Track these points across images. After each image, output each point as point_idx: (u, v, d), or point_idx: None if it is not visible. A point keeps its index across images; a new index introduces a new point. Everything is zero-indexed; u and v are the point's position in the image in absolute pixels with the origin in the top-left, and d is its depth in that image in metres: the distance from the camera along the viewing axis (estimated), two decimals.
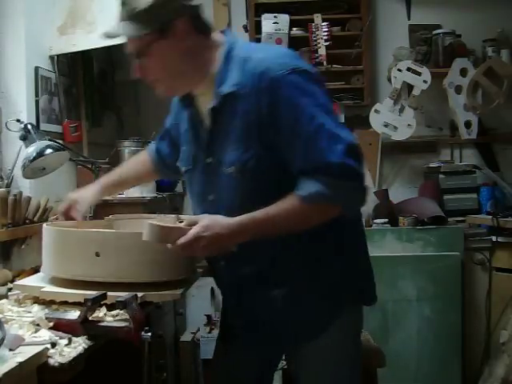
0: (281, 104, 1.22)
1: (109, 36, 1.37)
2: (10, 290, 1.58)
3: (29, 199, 2.11)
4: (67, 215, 1.66)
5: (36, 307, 1.41)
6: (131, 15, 1.28)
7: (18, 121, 2.03)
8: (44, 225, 1.57)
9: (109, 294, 1.33)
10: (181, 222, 1.32)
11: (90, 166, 2.34)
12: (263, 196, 1.26)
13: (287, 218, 1.24)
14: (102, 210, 2.41)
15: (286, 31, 3.12)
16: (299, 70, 1.25)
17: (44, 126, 2.36)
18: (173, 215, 2.20)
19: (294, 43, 3.14)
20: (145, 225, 1.27)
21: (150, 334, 1.29)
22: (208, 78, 1.33)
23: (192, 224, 1.24)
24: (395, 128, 3.02)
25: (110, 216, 2.13)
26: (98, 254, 1.42)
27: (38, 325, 1.27)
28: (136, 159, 1.87)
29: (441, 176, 3.05)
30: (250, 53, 1.32)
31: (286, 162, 1.26)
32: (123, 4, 1.30)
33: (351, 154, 1.21)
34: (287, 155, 1.26)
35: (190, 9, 1.30)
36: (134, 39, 1.30)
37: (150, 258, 1.45)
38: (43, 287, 1.45)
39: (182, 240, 1.22)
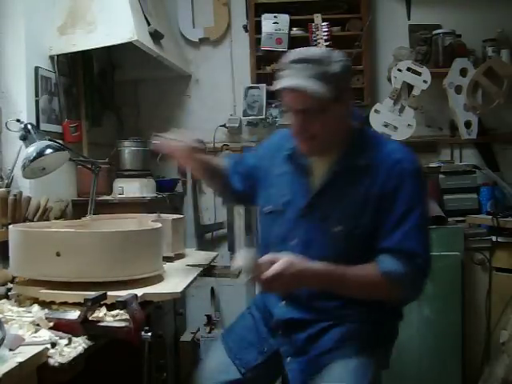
0: (404, 189, 1.43)
1: (289, 87, 1.43)
2: (9, 290, 1.58)
3: (29, 199, 2.11)
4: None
5: (36, 307, 1.41)
6: (322, 75, 1.39)
7: (18, 121, 2.03)
8: (10, 226, 1.58)
9: (109, 293, 1.34)
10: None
11: (90, 166, 2.33)
12: (351, 257, 1.42)
13: (360, 283, 1.40)
14: (102, 209, 2.41)
15: (286, 31, 3.12)
16: (421, 169, 1.51)
17: (44, 126, 2.36)
18: (154, 214, 2.22)
19: (294, 43, 3.13)
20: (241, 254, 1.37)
21: (150, 333, 1.30)
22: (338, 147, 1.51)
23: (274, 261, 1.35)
24: (395, 128, 3.02)
25: (87, 216, 2.14)
26: (58, 254, 1.43)
27: (38, 325, 1.27)
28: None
29: (441, 176, 3.05)
30: (383, 139, 1.57)
31: (379, 234, 1.43)
32: (316, 63, 1.40)
33: (429, 254, 1.45)
34: (385, 230, 1.42)
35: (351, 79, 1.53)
36: (315, 96, 1.39)
37: (111, 256, 1.47)
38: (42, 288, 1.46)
39: (268, 273, 1.33)
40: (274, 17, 3.13)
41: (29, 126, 1.98)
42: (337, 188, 1.47)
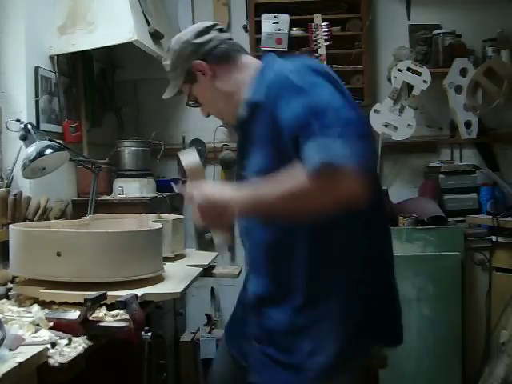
0: (285, 96, 1.22)
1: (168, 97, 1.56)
2: (9, 290, 1.58)
3: (29, 199, 2.11)
4: None
5: (36, 307, 1.41)
6: (170, 75, 1.52)
7: (18, 121, 2.03)
8: (10, 226, 1.58)
9: (109, 293, 1.34)
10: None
11: (90, 166, 2.33)
12: None
13: (286, 193, 1.15)
14: (102, 209, 2.41)
15: (286, 31, 3.12)
16: (296, 71, 1.26)
17: (44, 126, 2.36)
18: (154, 214, 2.22)
19: (294, 43, 3.14)
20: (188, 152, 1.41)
21: (149, 333, 1.30)
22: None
23: None
24: (395, 128, 3.02)
25: (87, 216, 2.14)
26: (59, 254, 1.43)
27: (38, 325, 1.27)
28: None
29: (441, 176, 3.05)
30: (271, 69, 1.33)
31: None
32: (169, 53, 1.50)
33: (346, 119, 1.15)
34: (302, 150, 1.16)
35: (199, 48, 1.44)
36: (183, 91, 1.52)
37: (111, 256, 1.47)
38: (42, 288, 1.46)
39: (188, 193, 1.30)
40: (274, 17, 3.13)
41: (29, 126, 1.98)
42: (246, 135, 1.37)
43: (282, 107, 1.22)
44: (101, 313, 1.34)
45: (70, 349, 1.17)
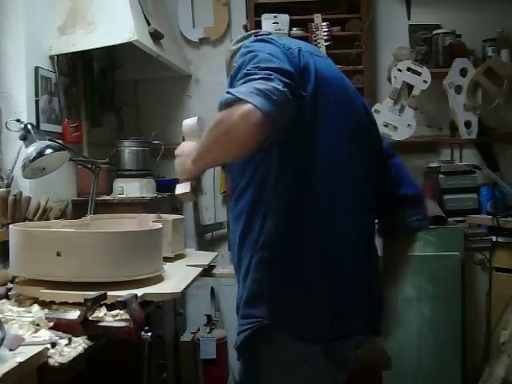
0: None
1: None
2: (9, 290, 1.58)
3: (29, 199, 2.11)
4: None
5: (36, 307, 1.41)
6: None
7: (18, 121, 2.03)
8: (10, 226, 1.58)
9: (109, 293, 1.34)
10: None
11: (90, 166, 2.33)
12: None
13: (209, 135, 1.23)
14: (102, 209, 2.41)
15: (286, 31, 3.12)
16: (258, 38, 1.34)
17: (44, 126, 2.36)
18: (154, 214, 2.22)
19: None
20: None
21: (149, 333, 1.30)
22: None
23: None
24: (395, 128, 3.02)
25: (87, 216, 2.14)
26: (59, 254, 1.43)
27: (38, 325, 1.27)
28: None
29: (441, 176, 3.05)
30: None
31: None
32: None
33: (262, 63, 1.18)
34: None
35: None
36: None
37: (111, 256, 1.48)
38: (42, 288, 1.46)
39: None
40: (274, 17, 3.13)
41: (29, 126, 1.98)
42: None
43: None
44: (101, 313, 1.34)
45: (70, 349, 1.17)
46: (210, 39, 3.34)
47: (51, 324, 1.27)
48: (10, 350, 1.08)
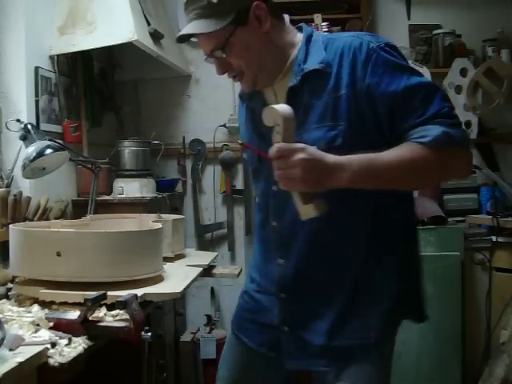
0: (385, 67, 1.21)
1: (181, 39, 1.30)
2: (9, 290, 1.58)
3: (29, 199, 2.11)
4: None
5: (36, 307, 1.41)
6: (205, 10, 1.23)
7: (18, 121, 2.03)
8: (10, 226, 1.58)
9: (109, 293, 1.34)
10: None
11: (90, 166, 2.33)
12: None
13: (406, 163, 1.15)
14: (102, 209, 2.42)
15: None
16: (390, 44, 1.27)
17: (44, 126, 2.36)
18: (154, 214, 2.22)
19: None
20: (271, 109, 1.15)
21: (150, 333, 1.30)
22: (287, 65, 1.31)
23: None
24: None
25: (87, 216, 2.14)
26: (59, 254, 1.43)
27: (38, 325, 1.27)
28: None
29: None
30: (332, 36, 1.33)
31: (383, 128, 1.22)
32: (192, 1, 1.25)
33: (447, 98, 1.23)
34: (396, 115, 1.20)
35: None
36: (212, 35, 1.24)
37: (111, 256, 1.47)
38: (42, 288, 1.46)
39: (283, 145, 1.10)
40: None
41: (29, 126, 1.98)
42: (298, 107, 1.23)
43: (377, 81, 1.20)
44: (101, 313, 1.34)
45: (70, 349, 1.17)
46: None
47: (51, 324, 1.27)
48: (10, 349, 1.08)
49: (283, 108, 1.14)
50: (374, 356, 1.32)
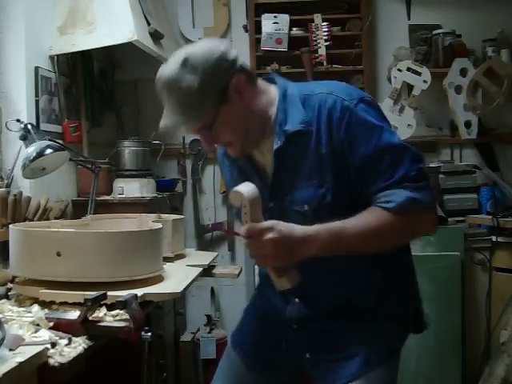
0: (357, 127, 1.24)
1: (167, 132, 1.36)
2: (9, 290, 1.58)
3: (29, 199, 2.11)
4: None
5: (36, 307, 1.41)
6: (185, 100, 1.28)
7: (18, 121, 2.03)
8: (10, 226, 1.58)
9: (109, 293, 1.34)
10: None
11: (89, 166, 2.33)
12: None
13: (371, 229, 1.20)
14: (102, 209, 2.42)
15: (286, 31, 3.12)
16: (365, 98, 1.29)
17: (44, 126, 2.36)
18: (154, 214, 2.22)
19: (294, 43, 3.14)
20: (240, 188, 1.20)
21: (149, 333, 1.29)
22: (269, 127, 1.34)
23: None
24: (395, 128, 3.02)
25: (87, 216, 2.14)
26: (59, 254, 1.43)
27: (38, 325, 1.27)
28: None
29: (441, 176, 3.05)
30: (306, 91, 1.33)
31: (361, 185, 1.26)
32: (170, 95, 1.32)
33: (417, 158, 1.26)
34: (365, 175, 1.25)
35: (236, 63, 1.29)
36: (192, 122, 1.30)
37: (111, 256, 1.47)
38: (42, 288, 1.46)
39: (251, 226, 1.15)
40: (274, 17, 3.13)
41: (29, 126, 1.98)
42: (286, 167, 1.31)
43: (351, 141, 1.24)
44: (101, 313, 1.34)
45: (70, 349, 1.17)
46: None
47: (51, 324, 1.27)
48: (10, 349, 1.08)
49: (248, 190, 1.18)
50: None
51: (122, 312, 1.33)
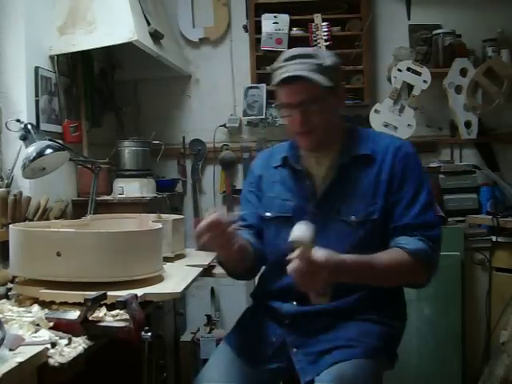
0: (411, 170, 1.54)
1: (287, 79, 1.48)
2: (9, 290, 1.58)
3: (29, 199, 2.11)
4: None
5: (36, 307, 1.41)
6: (318, 67, 1.47)
7: (18, 121, 2.03)
8: (10, 226, 1.58)
9: (109, 293, 1.34)
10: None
11: (89, 166, 2.34)
12: (367, 246, 1.45)
13: (390, 268, 1.43)
14: (102, 209, 2.42)
15: (286, 31, 3.12)
16: (416, 153, 1.60)
17: (44, 126, 2.36)
18: (154, 214, 2.22)
19: (294, 43, 3.13)
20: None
21: (149, 333, 1.29)
22: (336, 144, 1.59)
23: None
24: (395, 128, 3.02)
25: (87, 216, 2.14)
26: (59, 254, 1.43)
27: (38, 325, 1.27)
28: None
29: (441, 176, 3.05)
30: (377, 133, 1.76)
31: (394, 214, 1.51)
32: (310, 57, 1.49)
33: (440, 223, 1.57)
34: (401, 208, 1.50)
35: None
36: (313, 88, 1.46)
37: (111, 256, 1.47)
38: (42, 288, 1.46)
39: (302, 266, 1.27)
40: (274, 17, 3.13)
41: (29, 126, 1.97)
42: (344, 181, 1.54)
43: (401, 178, 1.53)
44: (101, 313, 1.34)
45: (70, 349, 1.17)
46: (210, 39, 3.34)
47: (51, 324, 1.27)
48: (10, 349, 1.08)
49: (307, 236, 1.28)
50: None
51: (122, 312, 1.33)
